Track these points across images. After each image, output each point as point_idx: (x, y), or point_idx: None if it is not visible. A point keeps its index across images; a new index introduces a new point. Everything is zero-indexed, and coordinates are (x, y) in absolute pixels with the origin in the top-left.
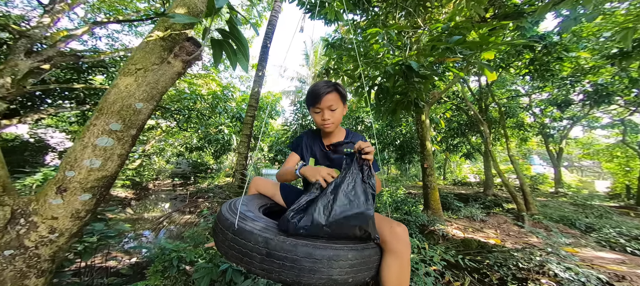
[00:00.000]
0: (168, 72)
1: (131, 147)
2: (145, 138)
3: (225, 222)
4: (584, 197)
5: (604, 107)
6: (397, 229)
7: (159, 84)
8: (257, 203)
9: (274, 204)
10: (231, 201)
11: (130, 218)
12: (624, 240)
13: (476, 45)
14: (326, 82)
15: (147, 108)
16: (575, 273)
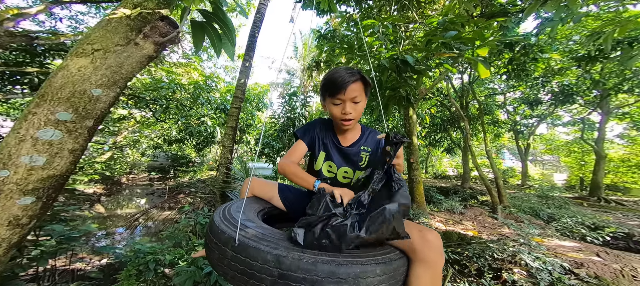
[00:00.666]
0: (135, 55)
1: (88, 141)
2: (116, 129)
3: (222, 235)
4: (547, 189)
5: (566, 107)
6: (429, 236)
7: (124, 69)
8: (254, 208)
9: (272, 207)
10: (224, 207)
11: (99, 215)
12: (584, 230)
13: (472, 41)
14: (349, 69)
15: (107, 95)
16: (543, 262)
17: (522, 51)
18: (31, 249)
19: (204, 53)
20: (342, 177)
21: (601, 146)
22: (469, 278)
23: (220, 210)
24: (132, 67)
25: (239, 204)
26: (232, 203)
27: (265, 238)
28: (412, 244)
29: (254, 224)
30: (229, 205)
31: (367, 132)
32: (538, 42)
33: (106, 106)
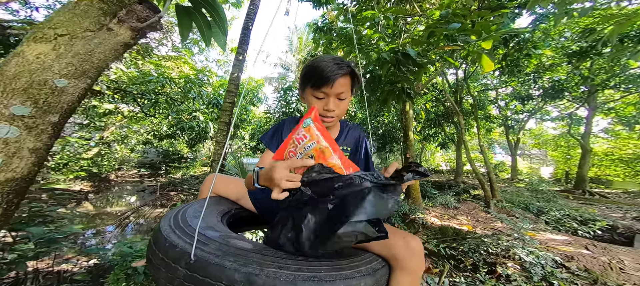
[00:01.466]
0: (108, 41)
1: (54, 138)
2: (103, 124)
3: (171, 250)
4: (536, 183)
5: (555, 102)
6: (412, 243)
7: (94, 57)
8: (217, 211)
9: (240, 209)
10: (177, 211)
11: (87, 213)
12: (576, 224)
13: (477, 33)
14: (338, 59)
15: (75, 87)
16: (536, 256)
17: (516, 46)
18: (8, 254)
19: (195, 46)
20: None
21: (587, 141)
22: (465, 273)
23: (171, 215)
24: (105, 55)
25: (196, 207)
26: (188, 205)
27: (231, 252)
28: (395, 252)
29: (217, 234)
30: (184, 208)
31: (346, 128)
32: (532, 38)
33: (75, 99)
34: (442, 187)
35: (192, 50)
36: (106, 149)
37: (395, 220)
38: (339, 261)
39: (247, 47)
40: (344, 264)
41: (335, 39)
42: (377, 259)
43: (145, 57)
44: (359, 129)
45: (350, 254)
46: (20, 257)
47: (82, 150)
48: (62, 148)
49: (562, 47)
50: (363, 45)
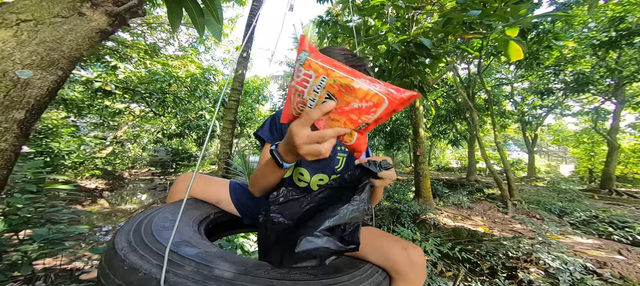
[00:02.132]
0: (80, 28)
1: (22, 138)
2: (116, 124)
3: (132, 275)
4: (559, 181)
5: (578, 96)
6: (414, 254)
7: (64, 45)
8: (191, 218)
9: (220, 213)
10: (138, 220)
11: (101, 211)
12: (611, 227)
13: (504, 18)
14: (349, 55)
15: (43, 79)
16: (563, 261)
17: (536, 38)
18: (12, 255)
19: (201, 45)
20: (316, 186)
21: (614, 137)
22: (481, 277)
23: (131, 227)
24: (77, 43)
25: (166, 215)
26: (154, 211)
27: (213, 276)
28: (396, 264)
29: (194, 250)
30: (148, 216)
31: None
32: (553, 29)
33: (44, 93)
34: (454, 186)
35: (198, 49)
36: (119, 148)
37: (405, 220)
38: (340, 279)
39: (252, 44)
40: (345, 280)
41: (340, 32)
42: (378, 271)
43: (153, 57)
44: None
45: (351, 267)
46: (24, 258)
47: (97, 149)
48: (78, 147)
49: (586, 38)
50: (371, 37)
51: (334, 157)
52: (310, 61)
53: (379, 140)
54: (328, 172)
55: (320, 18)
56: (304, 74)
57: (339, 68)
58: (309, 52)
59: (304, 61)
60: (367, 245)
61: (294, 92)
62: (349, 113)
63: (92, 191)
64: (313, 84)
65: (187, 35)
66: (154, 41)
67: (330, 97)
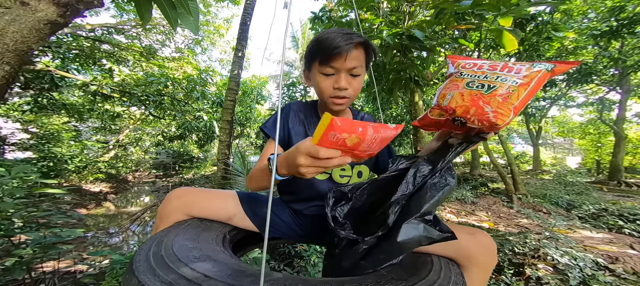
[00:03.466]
0: (24, 18)
1: None
2: (117, 127)
3: None
4: (565, 174)
5: (581, 87)
6: (484, 240)
7: (7, 37)
8: (210, 238)
9: (235, 231)
10: (156, 240)
11: (107, 214)
12: (622, 220)
13: (495, 7)
14: (347, 30)
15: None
16: (572, 257)
17: (535, 30)
18: (6, 260)
19: (197, 46)
20: (339, 176)
21: (621, 127)
22: None
23: (144, 252)
24: (22, 35)
25: (183, 241)
26: (168, 232)
27: None
28: (468, 251)
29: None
30: (164, 237)
31: (358, 116)
32: (552, 20)
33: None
34: (457, 180)
35: (194, 50)
36: (122, 152)
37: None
38: (430, 278)
39: (246, 43)
40: (434, 280)
41: (334, 27)
42: (448, 263)
43: (149, 59)
44: (371, 117)
45: (419, 267)
46: (18, 262)
47: (100, 153)
48: (80, 151)
49: (586, 29)
50: (364, 31)
51: None
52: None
53: None
54: (369, 164)
55: (314, 14)
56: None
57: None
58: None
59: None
60: None
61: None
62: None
63: (97, 195)
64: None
65: (183, 36)
66: (150, 43)
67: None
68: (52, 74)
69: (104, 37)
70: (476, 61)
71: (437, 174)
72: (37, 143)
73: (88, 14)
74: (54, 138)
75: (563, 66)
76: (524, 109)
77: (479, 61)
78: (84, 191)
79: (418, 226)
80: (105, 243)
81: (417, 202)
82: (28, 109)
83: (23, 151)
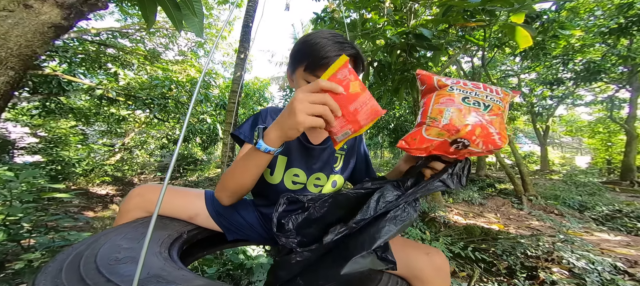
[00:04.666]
0: (28, 22)
1: None
2: (122, 131)
3: None
4: (573, 173)
5: (587, 85)
6: (438, 260)
7: (10, 41)
8: (157, 240)
9: (196, 230)
10: (76, 249)
11: (113, 215)
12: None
13: (508, 3)
14: (339, 38)
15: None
16: (590, 261)
17: (541, 28)
18: (16, 264)
19: (200, 49)
20: (313, 186)
21: (632, 125)
22: (499, 278)
23: (61, 265)
24: (26, 39)
25: (117, 241)
26: (95, 238)
27: None
28: (419, 272)
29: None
30: (91, 245)
31: None
32: (558, 18)
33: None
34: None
35: (197, 53)
36: (128, 155)
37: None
38: None
39: (249, 45)
40: None
41: (337, 28)
42: (397, 281)
43: (153, 62)
44: None
45: (368, 280)
46: (28, 266)
47: (106, 156)
48: (87, 155)
49: (594, 26)
50: (368, 31)
51: (332, 155)
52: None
53: (383, 137)
54: (326, 171)
55: (317, 15)
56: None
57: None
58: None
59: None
60: None
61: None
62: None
63: (104, 197)
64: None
65: (187, 39)
66: (154, 46)
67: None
68: (60, 79)
69: (109, 41)
70: (448, 79)
71: (401, 205)
72: (46, 147)
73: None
74: (62, 142)
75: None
76: None
77: (451, 80)
78: (91, 194)
79: (365, 259)
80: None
81: (372, 234)
82: (36, 113)
83: (32, 155)
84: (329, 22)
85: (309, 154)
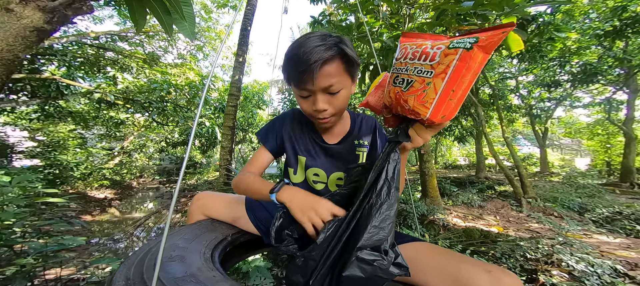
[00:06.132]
0: (8, 26)
1: None
2: (121, 134)
3: None
4: (572, 175)
5: (585, 87)
6: (508, 281)
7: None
8: (205, 241)
9: (239, 233)
10: (149, 246)
11: (112, 220)
12: (639, 225)
13: (498, 6)
14: (322, 39)
15: None
16: (589, 264)
17: (536, 31)
18: (7, 269)
19: (199, 52)
20: (335, 186)
21: (630, 127)
22: None
23: (133, 261)
24: (8, 43)
25: (176, 241)
26: (171, 235)
27: None
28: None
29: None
30: (159, 244)
31: (358, 120)
32: (553, 20)
33: None
34: (462, 184)
35: (196, 56)
36: (127, 158)
37: (412, 222)
38: None
39: (247, 48)
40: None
41: (335, 31)
42: None
43: (152, 65)
44: (372, 118)
45: None
46: (19, 272)
47: (105, 160)
48: (85, 159)
49: (589, 29)
50: (363, 34)
51: (353, 152)
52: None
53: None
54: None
55: (314, 18)
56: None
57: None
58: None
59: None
60: (432, 268)
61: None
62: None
63: (102, 201)
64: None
65: (185, 43)
66: (153, 50)
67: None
68: (58, 83)
69: (108, 44)
70: (420, 41)
71: (375, 192)
72: (44, 151)
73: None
74: (60, 146)
75: (490, 33)
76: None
77: (423, 40)
78: (89, 198)
79: (359, 266)
80: (110, 249)
81: (355, 234)
82: (35, 117)
83: (30, 159)
84: (327, 26)
85: (326, 154)
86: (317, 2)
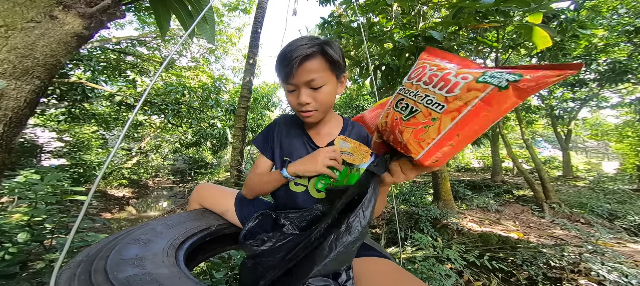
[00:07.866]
0: (53, 32)
1: (4, 153)
2: (139, 135)
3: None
4: (600, 180)
5: (613, 87)
6: None
7: (37, 51)
8: (183, 230)
9: (225, 225)
10: (100, 248)
11: (129, 218)
12: None
13: (525, 3)
14: (307, 39)
15: (19, 90)
16: (623, 274)
17: (559, 28)
18: (37, 263)
19: (211, 55)
20: (316, 191)
21: None
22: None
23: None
24: (51, 49)
25: (154, 227)
26: (132, 231)
27: None
28: None
29: (125, 273)
30: (144, 226)
31: (350, 126)
32: (577, 17)
33: (22, 104)
34: (477, 187)
35: (209, 59)
36: (144, 159)
37: (424, 225)
38: None
39: (258, 50)
40: None
41: (344, 33)
42: None
43: (168, 69)
44: (365, 129)
45: None
46: (47, 266)
47: (124, 160)
48: (106, 158)
49: (618, 25)
50: (375, 34)
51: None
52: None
53: None
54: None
55: (323, 19)
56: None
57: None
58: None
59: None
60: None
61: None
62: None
63: (120, 199)
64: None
65: (198, 46)
66: (168, 54)
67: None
68: (84, 86)
69: (128, 49)
70: (444, 63)
71: (346, 223)
72: (70, 151)
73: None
74: (85, 146)
75: (541, 74)
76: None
77: (447, 63)
78: (109, 196)
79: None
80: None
81: (313, 257)
82: (63, 119)
83: (58, 159)
84: (336, 27)
85: None
86: (326, 3)
